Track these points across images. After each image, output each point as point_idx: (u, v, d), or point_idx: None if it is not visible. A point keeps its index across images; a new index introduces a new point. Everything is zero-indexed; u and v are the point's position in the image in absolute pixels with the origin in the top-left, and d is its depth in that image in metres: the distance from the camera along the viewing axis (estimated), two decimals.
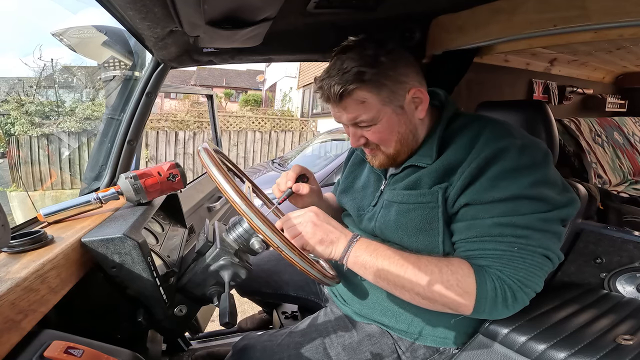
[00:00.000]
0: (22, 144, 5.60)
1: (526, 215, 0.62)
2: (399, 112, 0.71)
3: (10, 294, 0.46)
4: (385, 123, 0.71)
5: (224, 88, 18.61)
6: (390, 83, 0.68)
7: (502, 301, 0.62)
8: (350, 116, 0.71)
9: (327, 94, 0.70)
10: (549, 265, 0.64)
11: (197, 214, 1.55)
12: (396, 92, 0.69)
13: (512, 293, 0.61)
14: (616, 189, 1.93)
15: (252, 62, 1.30)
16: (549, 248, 0.63)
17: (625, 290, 0.86)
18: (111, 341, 0.52)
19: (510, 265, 0.62)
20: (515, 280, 0.61)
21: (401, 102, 0.70)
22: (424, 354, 0.78)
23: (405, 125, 0.73)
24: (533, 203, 0.62)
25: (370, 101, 0.68)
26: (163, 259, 0.81)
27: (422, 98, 0.72)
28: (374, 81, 0.67)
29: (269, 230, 0.56)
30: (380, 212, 0.79)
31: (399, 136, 0.73)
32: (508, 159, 0.64)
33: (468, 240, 0.66)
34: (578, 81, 2.35)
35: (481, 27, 1.05)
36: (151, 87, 1.10)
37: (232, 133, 7.86)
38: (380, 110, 0.69)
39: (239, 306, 2.39)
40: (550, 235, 0.63)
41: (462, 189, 0.66)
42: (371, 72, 0.66)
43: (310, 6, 0.94)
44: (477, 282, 0.61)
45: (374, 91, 0.68)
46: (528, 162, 0.64)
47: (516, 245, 0.62)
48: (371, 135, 0.73)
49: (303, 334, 0.83)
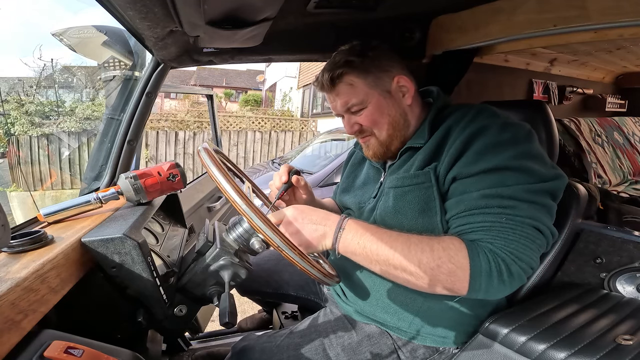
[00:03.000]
0: (22, 144, 5.59)
1: (511, 187, 0.63)
2: (386, 96, 0.78)
3: (10, 294, 0.46)
4: (375, 105, 0.78)
5: (224, 88, 18.62)
6: (376, 70, 0.77)
7: (498, 275, 0.60)
8: (342, 101, 0.79)
9: (321, 82, 0.80)
10: (541, 239, 0.63)
11: (197, 214, 1.55)
12: (381, 78, 0.78)
13: (506, 266, 0.60)
14: (616, 189, 1.93)
15: (252, 62, 1.30)
16: (538, 219, 0.63)
17: (625, 290, 0.86)
18: (111, 341, 0.52)
19: (500, 236, 0.62)
20: (507, 252, 0.61)
21: (387, 87, 0.78)
22: (423, 353, 0.78)
23: (394, 109, 0.79)
24: (517, 174, 0.64)
25: (358, 85, 0.77)
26: (163, 259, 0.81)
27: (407, 86, 0.79)
28: (361, 68, 0.76)
29: (269, 230, 0.56)
30: (381, 199, 0.81)
31: (390, 119, 0.79)
32: (490, 134, 0.68)
33: (458, 215, 0.67)
34: (578, 81, 2.35)
35: (481, 27, 1.05)
36: (151, 87, 1.10)
37: (232, 133, 7.86)
38: (368, 94, 0.77)
39: (239, 306, 2.39)
40: (539, 207, 0.63)
41: (450, 165, 0.70)
42: (358, 60, 0.76)
43: (310, 6, 0.94)
44: (470, 256, 0.61)
45: (361, 76, 0.76)
46: (510, 137, 0.67)
47: (504, 215, 0.62)
48: (364, 120, 0.79)
49: (302, 334, 0.83)
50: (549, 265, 0.86)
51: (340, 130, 4.38)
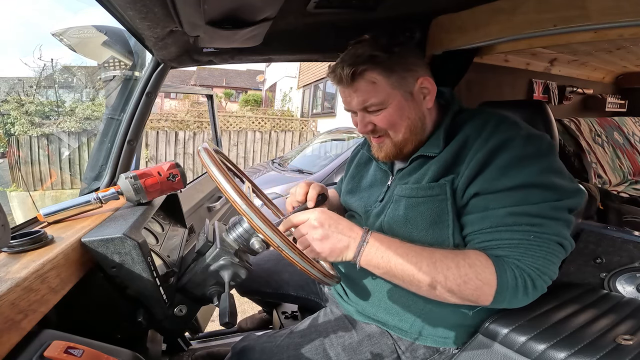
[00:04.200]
0: (22, 144, 5.59)
1: (538, 205, 0.63)
2: (408, 98, 0.73)
3: (10, 293, 0.46)
4: (395, 107, 0.73)
5: (224, 88, 18.61)
6: (400, 69, 0.71)
7: (523, 290, 0.62)
8: (360, 99, 0.73)
9: (339, 76, 0.72)
10: (562, 253, 0.65)
11: (197, 214, 1.55)
12: (406, 78, 0.72)
13: (531, 281, 0.62)
14: (616, 189, 1.93)
15: (252, 62, 1.30)
16: (562, 235, 0.64)
17: (625, 290, 0.86)
18: (111, 341, 0.52)
19: (528, 254, 0.62)
20: (534, 268, 0.62)
21: (410, 89, 0.73)
22: (423, 354, 0.78)
23: (414, 112, 0.74)
24: (543, 191, 0.64)
25: (381, 84, 0.71)
26: (163, 259, 0.81)
27: (429, 88, 0.74)
28: (385, 65, 0.70)
29: (269, 230, 0.56)
30: (390, 207, 0.79)
31: (409, 122, 0.74)
32: (515, 147, 0.65)
33: (482, 231, 0.66)
34: (578, 81, 2.35)
35: (481, 27, 1.04)
36: (151, 87, 1.10)
37: (232, 133, 7.85)
38: (390, 94, 0.72)
39: (239, 306, 2.39)
40: (562, 223, 0.64)
41: (471, 179, 0.67)
42: (383, 56, 0.70)
43: (310, 6, 0.94)
44: (498, 273, 0.62)
45: (384, 74, 0.70)
46: (534, 150, 0.66)
47: (532, 233, 0.63)
48: (380, 121, 0.74)
49: (302, 334, 0.83)
50: None
51: (341, 130, 4.38)
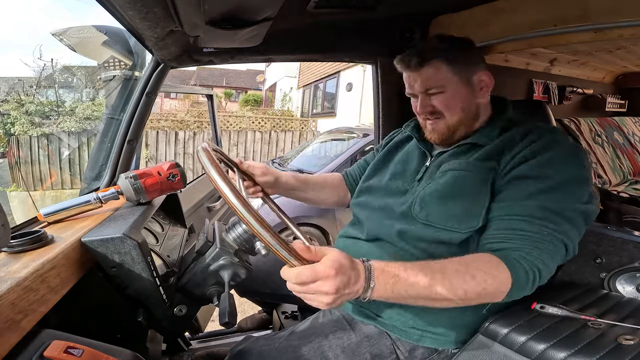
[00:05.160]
0: (22, 143, 5.60)
1: (563, 204, 0.67)
2: (465, 85, 0.81)
3: (10, 293, 0.46)
4: (453, 92, 0.81)
5: (224, 88, 18.61)
6: (463, 61, 0.81)
7: (532, 282, 0.65)
8: (424, 82, 0.81)
9: (407, 61, 0.82)
10: (563, 256, 0.68)
11: (197, 213, 1.55)
12: (467, 69, 0.81)
13: (539, 273, 0.65)
14: (616, 189, 1.93)
15: (252, 62, 1.30)
16: (570, 239, 0.67)
17: (625, 290, 0.86)
18: (111, 341, 0.52)
19: (537, 246, 0.66)
20: (540, 261, 0.65)
21: (470, 78, 0.81)
22: (422, 353, 0.78)
23: (470, 99, 0.82)
24: (572, 194, 0.69)
25: (443, 70, 0.79)
26: (163, 258, 0.81)
27: (486, 82, 0.82)
28: (450, 56, 0.79)
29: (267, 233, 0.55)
30: (430, 182, 0.82)
31: (463, 106, 0.82)
32: (561, 148, 0.72)
33: (502, 218, 0.71)
34: (578, 81, 2.35)
35: (481, 27, 1.05)
36: (151, 87, 1.10)
37: (232, 133, 7.86)
38: (450, 80, 0.80)
39: (239, 306, 2.39)
40: (575, 229, 0.68)
41: (513, 166, 0.73)
42: (451, 49, 0.80)
43: (310, 6, 0.95)
44: (512, 272, 0.63)
45: (448, 63, 0.79)
46: (577, 158, 0.72)
47: (546, 230, 0.66)
48: (439, 103, 0.82)
49: (301, 336, 0.83)
50: None
51: (341, 130, 4.38)
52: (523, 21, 0.94)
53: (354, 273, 0.57)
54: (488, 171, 0.75)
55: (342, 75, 7.86)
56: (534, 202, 0.68)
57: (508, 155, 0.75)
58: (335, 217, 3.10)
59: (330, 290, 0.54)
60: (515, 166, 0.73)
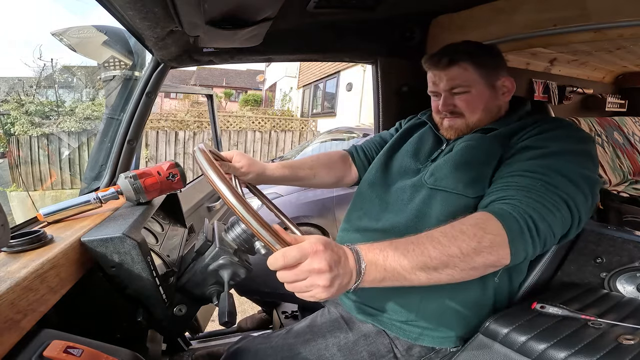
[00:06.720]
0: (22, 144, 5.59)
1: (563, 165, 0.68)
2: (489, 88, 0.85)
3: (9, 293, 0.46)
4: (477, 93, 0.84)
5: (224, 88, 18.61)
6: (490, 66, 0.85)
7: (529, 233, 0.61)
8: (449, 81, 0.85)
9: (436, 61, 0.86)
10: (567, 216, 0.64)
11: (197, 213, 1.55)
12: (493, 73, 0.85)
13: (534, 223, 0.61)
14: (616, 188, 1.93)
15: (252, 62, 1.30)
16: (574, 201, 0.65)
17: (626, 290, 0.86)
18: (111, 341, 0.52)
19: (530, 196, 0.64)
20: (532, 209, 0.62)
21: (493, 82, 0.85)
22: (419, 352, 0.78)
23: (491, 101, 0.87)
24: (573, 161, 0.69)
25: (470, 72, 0.83)
26: (163, 258, 0.81)
27: (509, 88, 0.87)
28: (478, 59, 0.83)
29: (267, 233, 0.54)
30: (444, 156, 0.86)
31: (484, 106, 0.86)
32: (570, 130, 0.76)
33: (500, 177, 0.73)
34: (578, 81, 2.35)
35: (481, 27, 1.05)
36: (151, 87, 1.10)
37: (232, 133, 7.86)
38: (476, 81, 0.84)
39: (239, 306, 2.39)
40: (579, 192, 0.66)
41: (520, 142, 0.77)
42: (479, 53, 0.84)
43: (310, 6, 0.95)
44: (501, 220, 0.60)
45: (475, 65, 0.83)
46: (585, 141, 0.75)
47: (539, 182, 0.66)
48: (461, 103, 0.86)
49: (297, 335, 0.83)
50: (549, 265, 0.86)
51: (341, 130, 4.38)
52: (523, 21, 0.94)
53: (342, 252, 0.55)
54: (499, 147, 0.79)
55: (342, 75, 7.86)
56: (532, 162, 0.70)
57: (517, 137, 0.79)
58: (335, 217, 3.10)
59: (323, 266, 0.51)
60: (522, 142, 0.76)
